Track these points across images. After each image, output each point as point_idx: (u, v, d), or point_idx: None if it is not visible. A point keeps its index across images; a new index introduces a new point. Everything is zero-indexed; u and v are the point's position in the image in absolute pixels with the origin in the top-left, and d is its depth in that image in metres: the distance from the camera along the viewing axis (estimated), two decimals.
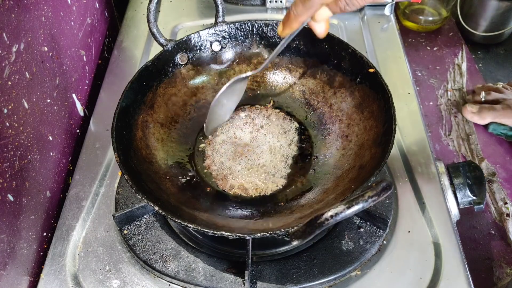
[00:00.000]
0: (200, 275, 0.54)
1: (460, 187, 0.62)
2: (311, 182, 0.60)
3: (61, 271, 0.56)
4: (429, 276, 0.54)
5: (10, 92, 0.51)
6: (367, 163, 0.55)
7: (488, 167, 0.75)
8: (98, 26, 0.83)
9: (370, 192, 0.38)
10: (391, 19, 0.89)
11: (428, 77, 0.90)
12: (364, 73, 0.60)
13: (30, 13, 0.57)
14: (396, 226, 0.59)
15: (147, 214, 0.59)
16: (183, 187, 0.58)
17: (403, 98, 0.74)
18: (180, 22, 0.90)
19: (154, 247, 0.57)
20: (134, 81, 0.60)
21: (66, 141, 0.67)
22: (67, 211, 0.61)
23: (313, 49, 0.66)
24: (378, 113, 0.58)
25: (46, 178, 0.60)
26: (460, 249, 0.56)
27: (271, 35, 0.67)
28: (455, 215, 0.61)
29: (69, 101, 0.68)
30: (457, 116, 0.83)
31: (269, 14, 0.91)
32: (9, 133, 0.50)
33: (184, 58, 0.66)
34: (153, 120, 0.63)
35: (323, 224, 0.39)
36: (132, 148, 0.57)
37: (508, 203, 0.71)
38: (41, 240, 0.59)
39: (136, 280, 0.55)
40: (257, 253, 0.56)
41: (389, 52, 0.82)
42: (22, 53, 0.54)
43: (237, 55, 0.69)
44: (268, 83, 0.70)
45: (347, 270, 0.54)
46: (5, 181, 0.49)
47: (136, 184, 0.50)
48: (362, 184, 0.51)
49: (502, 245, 0.67)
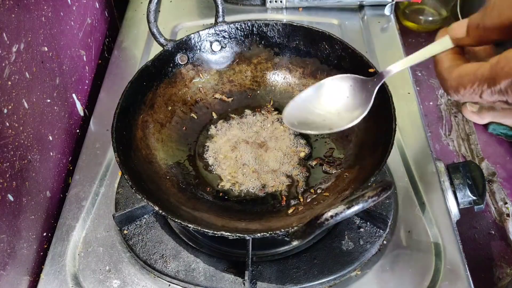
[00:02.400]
0: (200, 275, 0.54)
1: (460, 187, 0.62)
2: (311, 182, 0.60)
3: (61, 271, 0.56)
4: (429, 276, 0.54)
5: (10, 92, 0.51)
6: (367, 163, 0.55)
7: (488, 167, 0.75)
8: (98, 26, 0.83)
9: (370, 192, 0.38)
10: (391, 19, 0.89)
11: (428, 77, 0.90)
12: (364, 73, 0.60)
13: (30, 13, 0.57)
14: (396, 226, 0.59)
15: (147, 214, 0.59)
16: (183, 187, 0.58)
17: (403, 98, 0.74)
18: (180, 22, 0.90)
19: (154, 247, 0.56)
20: (134, 81, 0.60)
21: (66, 141, 0.67)
22: (67, 211, 0.61)
23: (313, 49, 0.66)
24: (378, 113, 0.58)
25: (46, 178, 0.60)
26: (460, 249, 0.56)
27: (271, 35, 0.67)
28: (455, 215, 0.61)
29: (69, 101, 0.68)
30: (457, 116, 0.83)
31: (269, 14, 0.91)
32: (9, 133, 0.50)
33: (184, 58, 0.66)
34: (153, 120, 0.63)
35: (323, 224, 0.39)
36: (132, 148, 0.57)
37: (508, 203, 0.71)
38: (41, 240, 0.59)
39: (136, 280, 0.55)
40: (257, 253, 0.56)
41: (389, 52, 0.82)
42: (22, 53, 0.54)
43: (237, 55, 0.69)
44: (268, 83, 0.70)
45: (347, 270, 0.54)
46: (5, 181, 0.49)
47: (136, 184, 0.49)
48: (362, 184, 0.51)
49: (502, 245, 0.67)
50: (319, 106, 0.49)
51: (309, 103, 0.49)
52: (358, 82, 0.47)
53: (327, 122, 0.48)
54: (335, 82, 0.48)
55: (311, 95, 0.49)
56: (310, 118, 0.49)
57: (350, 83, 0.48)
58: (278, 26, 0.66)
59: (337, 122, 0.47)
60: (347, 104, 0.48)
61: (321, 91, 0.49)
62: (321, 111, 0.49)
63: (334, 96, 0.48)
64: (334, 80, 0.48)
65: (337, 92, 0.48)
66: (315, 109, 0.49)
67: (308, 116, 0.50)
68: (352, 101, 0.48)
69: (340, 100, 0.48)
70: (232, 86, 0.70)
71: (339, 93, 0.48)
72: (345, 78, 0.48)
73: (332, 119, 0.48)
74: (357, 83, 0.47)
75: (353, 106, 0.47)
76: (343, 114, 0.48)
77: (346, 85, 0.48)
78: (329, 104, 0.49)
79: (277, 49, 0.68)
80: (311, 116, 0.49)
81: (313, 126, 0.49)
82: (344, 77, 0.48)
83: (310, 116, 0.50)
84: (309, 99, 0.49)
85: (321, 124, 0.48)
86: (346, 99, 0.48)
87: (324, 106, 0.49)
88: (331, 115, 0.48)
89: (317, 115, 0.49)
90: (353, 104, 0.47)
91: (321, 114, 0.49)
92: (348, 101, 0.48)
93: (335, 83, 0.48)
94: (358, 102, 0.47)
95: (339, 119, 0.47)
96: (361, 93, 0.47)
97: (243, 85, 0.70)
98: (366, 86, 0.46)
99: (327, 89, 0.49)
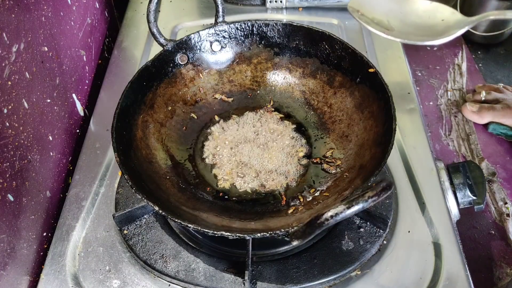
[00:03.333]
0: (200, 275, 0.54)
1: (460, 187, 0.62)
2: (311, 182, 0.60)
3: (61, 271, 0.56)
4: (429, 276, 0.54)
5: (10, 92, 0.51)
6: (367, 163, 0.55)
7: (488, 167, 0.75)
8: (98, 26, 0.83)
9: (370, 192, 0.38)
10: None
11: (428, 77, 0.90)
12: (364, 73, 0.60)
13: (30, 13, 0.57)
14: (396, 226, 0.59)
15: (147, 214, 0.59)
16: (183, 187, 0.58)
17: (403, 98, 0.74)
18: (180, 22, 0.90)
19: (154, 247, 0.57)
20: (134, 81, 0.60)
21: (66, 141, 0.67)
22: (67, 211, 0.61)
23: (313, 49, 0.66)
24: (378, 113, 0.58)
25: (46, 178, 0.60)
26: (460, 249, 0.56)
27: (271, 35, 0.67)
28: (455, 215, 0.61)
29: (69, 101, 0.68)
30: (457, 116, 0.83)
31: (269, 14, 0.91)
32: (9, 133, 0.50)
33: (184, 58, 0.66)
34: (153, 120, 0.63)
35: (323, 224, 0.39)
36: (132, 148, 0.57)
37: (508, 203, 0.71)
38: (41, 240, 0.59)
39: (136, 280, 0.55)
40: (257, 253, 0.56)
41: (389, 52, 0.82)
42: (22, 53, 0.54)
43: (237, 55, 0.69)
44: (268, 83, 0.70)
45: (347, 270, 0.54)
46: (5, 181, 0.49)
47: (136, 184, 0.49)
48: (362, 184, 0.51)
49: (502, 245, 0.67)
50: (404, 8, 0.48)
51: (388, 8, 0.48)
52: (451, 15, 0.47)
53: (400, 27, 0.47)
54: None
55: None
56: (382, 12, 0.48)
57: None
58: (278, 26, 0.66)
59: (411, 32, 0.46)
60: (433, 24, 0.47)
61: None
62: (403, 14, 0.48)
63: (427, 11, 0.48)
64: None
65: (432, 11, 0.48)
66: (397, 8, 0.48)
67: (382, 10, 0.48)
68: (439, 24, 0.47)
69: (429, 17, 0.48)
70: (232, 86, 0.70)
71: (433, 13, 0.48)
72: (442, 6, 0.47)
73: (407, 28, 0.47)
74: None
75: (434, 29, 0.46)
76: (421, 28, 0.47)
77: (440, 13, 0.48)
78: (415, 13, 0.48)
79: (277, 49, 0.68)
80: (384, 17, 0.48)
81: (381, 24, 0.47)
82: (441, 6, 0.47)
83: (381, 17, 0.48)
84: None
85: (388, 26, 0.47)
86: (440, 21, 0.47)
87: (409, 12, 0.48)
88: (407, 24, 0.47)
89: (394, 15, 0.48)
90: (437, 27, 0.47)
91: (398, 16, 0.48)
92: (436, 23, 0.47)
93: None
94: (442, 29, 0.46)
95: (414, 30, 0.46)
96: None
97: (243, 85, 0.70)
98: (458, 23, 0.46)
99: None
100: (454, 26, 0.46)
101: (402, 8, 0.48)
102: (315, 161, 0.62)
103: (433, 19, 0.47)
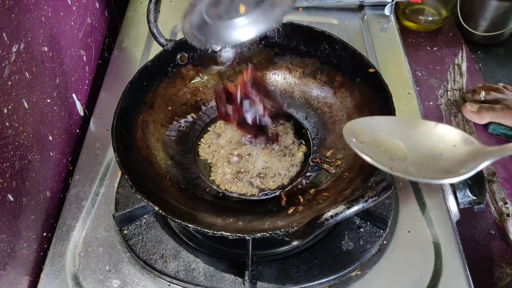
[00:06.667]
0: (200, 275, 0.54)
1: (460, 187, 0.62)
2: (311, 182, 0.60)
3: (61, 271, 0.56)
4: (429, 276, 0.54)
5: (10, 92, 0.51)
6: (367, 163, 0.55)
7: (488, 167, 0.75)
8: (98, 26, 0.83)
9: (370, 192, 0.38)
10: (391, 19, 0.89)
11: (428, 77, 0.90)
12: (364, 73, 0.60)
13: (30, 13, 0.57)
14: (396, 226, 0.59)
15: (147, 214, 0.59)
16: (183, 187, 0.58)
17: (403, 98, 0.74)
18: (180, 22, 0.90)
19: (154, 247, 0.56)
20: (134, 81, 0.60)
21: (66, 141, 0.67)
22: (67, 211, 0.61)
23: (313, 49, 0.66)
24: (378, 113, 0.58)
25: (46, 178, 0.60)
26: (460, 249, 0.56)
27: (271, 35, 0.67)
28: (455, 215, 0.61)
29: (69, 101, 0.68)
30: (457, 116, 0.83)
31: None
32: (9, 133, 0.50)
33: (184, 58, 0.66)
34: (153, 120, 0.63)
35: (323, 224, 0.39)
36: (132, 148, 0.57)
37: (508, 203, 0.71)
38: (41, 240, 0.59)
39: (136, 280, 0.55)
40: (257, 253, 0.56)
41: (389, 52, 0.82)
42: (22, 53, 0.54)
43: (237, 55, 0.69)
44: (268, 83, 0.70)
45: (347, 270, 0.54)
46: (5, 181, 0.49)
47: (136, 184, 0.49)
48: (362, 184, 0.51)
49: (502, 245, 0.67)
50: (407, 140, 0.42)
51: (390, 130, 0.42)
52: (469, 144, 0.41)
53: (403, 160, 0.40)
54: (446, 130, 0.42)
55: (395, 123, 0.43)
56: (384, 144, 0.42)
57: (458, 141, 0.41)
58: (278, 26, 0.66)
59: (419, 168, 0.39)
60: (444, 156, 0.40)
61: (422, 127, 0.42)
62: (405, 145, 0.42)
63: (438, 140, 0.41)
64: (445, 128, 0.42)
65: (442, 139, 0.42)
66: (397, 139, 0.42)
67: (382, 142, 0.42)
68: (451, 155, 0.40)
69: (439, 148, 0.41)
70: None
71: (444, 141, 0.42)
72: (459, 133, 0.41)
73: (414, 162, 0.40)
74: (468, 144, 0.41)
75: (449, 161, 0.40)
76: (429, 162, 0.40)
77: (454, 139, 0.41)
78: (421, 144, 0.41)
79: (277, 49, 0.68)
80: (387, 142, 0.42)
81: (383, 156, 0.41)
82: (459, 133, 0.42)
83: (385, 142, 0.42)
84: (392, 127, 0.42)
85: (391, 158, 0.40)
86: (452, 148, 0.41)
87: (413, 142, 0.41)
88: (414, 157, 0.40)
89: (396, 146, 0.42)
90: (450, 160, 0.40)
91: (401, 148, 0.42)
92: (447, 154, 0.40)
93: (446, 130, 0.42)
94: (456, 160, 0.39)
95: (422, 166, 0.40)
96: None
97: None
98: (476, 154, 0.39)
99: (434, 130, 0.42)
100: (469, 157, 0.39)
101: (408, 132, 0.42)
102: (315, 161, 0.62)
103: (442, 143, 0.41)
